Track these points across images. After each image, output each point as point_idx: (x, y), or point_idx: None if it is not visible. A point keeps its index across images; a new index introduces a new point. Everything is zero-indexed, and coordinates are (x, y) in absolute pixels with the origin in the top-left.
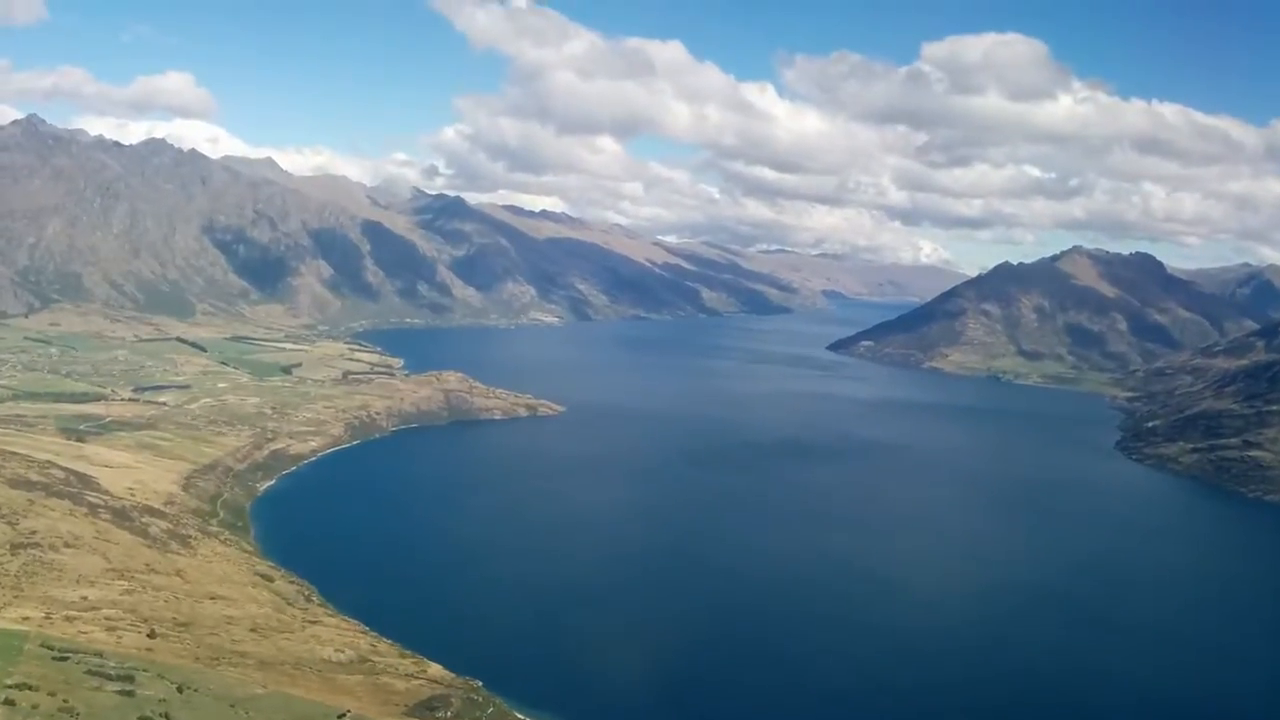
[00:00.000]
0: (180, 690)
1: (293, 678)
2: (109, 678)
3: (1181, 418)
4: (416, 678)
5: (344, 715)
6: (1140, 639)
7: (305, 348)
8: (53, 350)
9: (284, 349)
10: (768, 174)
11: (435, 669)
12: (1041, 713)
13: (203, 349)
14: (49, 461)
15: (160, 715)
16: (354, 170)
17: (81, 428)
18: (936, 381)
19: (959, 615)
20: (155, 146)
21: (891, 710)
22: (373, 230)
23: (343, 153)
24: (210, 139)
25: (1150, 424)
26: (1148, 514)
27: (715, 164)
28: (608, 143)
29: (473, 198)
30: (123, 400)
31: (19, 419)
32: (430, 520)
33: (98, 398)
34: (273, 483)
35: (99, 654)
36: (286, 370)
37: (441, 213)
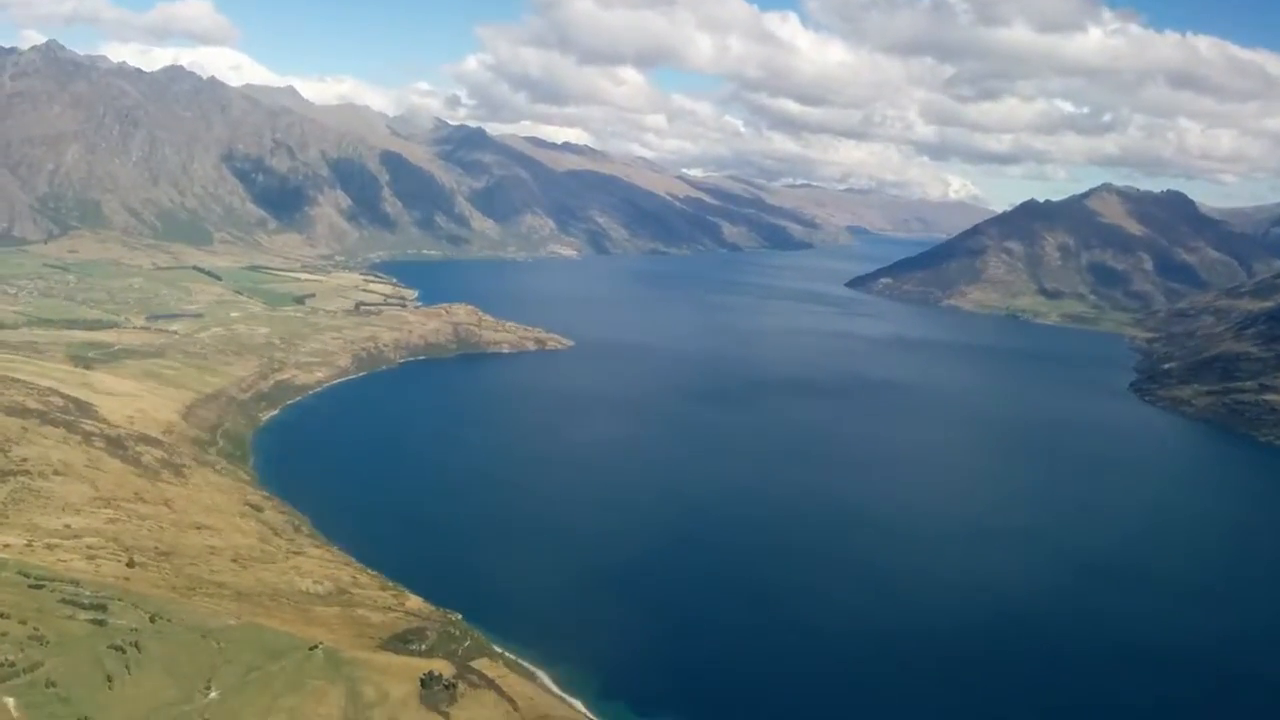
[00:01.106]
0: (153, 620)
1: (268, 609)
2: (82, 606)
3: (1198, 360)
4: (394, 610)
5: (315, 647)
6: (1136, 584)
7: (320, 278)
8: (70, 277)
9: (299, 279)
10: (792, 106)
11: (415, 602)
12: (1026, 658)
13: (218, 278)
14: (51, 389)
15: (130, 645)
16: (377, 100)
17: (90, 355)
18: (953, 320)
19: (948, 557)
20: (174, 74)
21: (872, 650)
22: (392, 160)
23: (367, 82)
24: (234, 67)
25: (1166, 365)
26: (1155, 457)
27: (739, 96)
28: (630, 74)
29: (495, 129)
30: (134, 328)
31: (30, 345)
32: (428, 453)
33: (110, 325)
34: (276, 413)
35: (75, 582)
36: (300, 300)
37: (462, 144)
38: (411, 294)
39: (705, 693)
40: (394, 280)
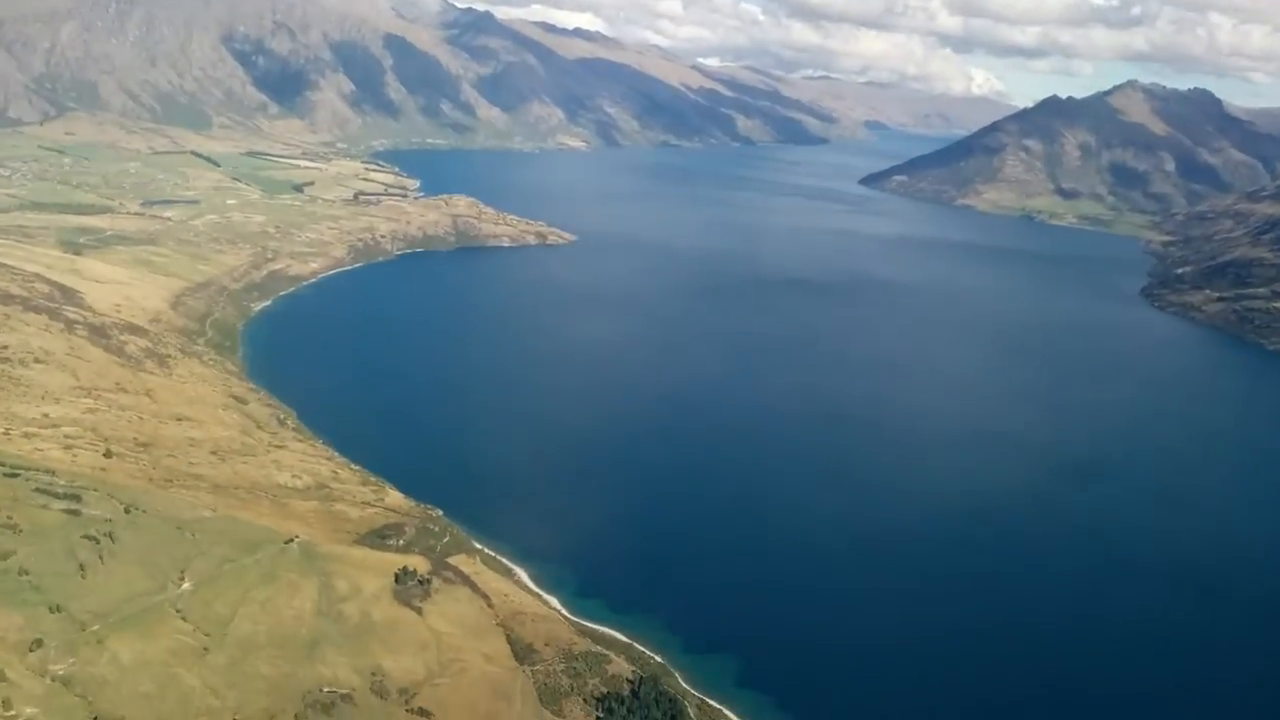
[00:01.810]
0: (127, 511)
1: (245, 502)
2: (56, 496)
3: (1212, 265)
4: (373, 506)
5: (291, 541)
6: (1126, 492)
7: (320, 166)
8: (66, 160)
9: (299, 166)
10: None
11: (395, 497)
12: (1006, 563)
13: (216, 164)
14: (37, 275)
15: (104, 535)
16: None
17: (80, 241)
18: (967, 220)
19: (936, 460)
20: None
21: (849, 552)
22: (396, 44)
23: None
24: None
25: (1179, 270)
26: (1159, 364)
27: None
28: None
29: (504, 13)
30: (128, 214)
31: (20, 229)
32: (419, 347)
33: (104, 210)
34: (268, 303)
35: (51, 472)
36: (298, 188)
37: (469, 28)
38: (413, 184)
39: (680, 591)
40: (396, 169)
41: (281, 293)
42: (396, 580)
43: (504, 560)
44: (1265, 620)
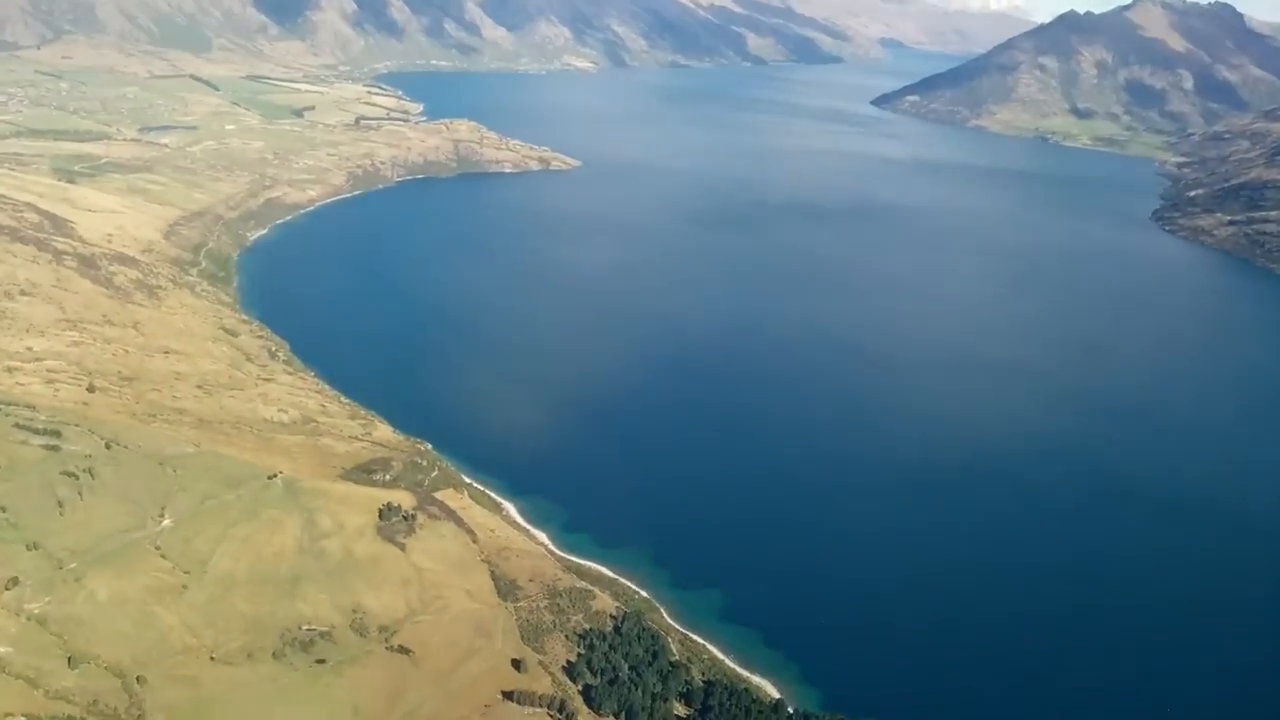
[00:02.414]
0: (108, 447)
1: (229, 437)
2: (36, 432)
3: (1225, 187)
4: (360, 440)
5: (274, 476)
6: (1122, 420)
7: (322, 89)
8: (63, 85)
9: (299, 90)
10: None
11: (383, 431)
12: (995, 490)
13: (216, 88)
14: (29, 204)
15: (84, 471)
16: None
17: (75, 168)
18: (979, 141)
19: (932, 387)
20: None
21: (840, 482)
22: None
23: None
24: None
25: (1191, 193)
26: (1166, 289)
27: None
28: None
29: None
30: (125, 140)
31: (15, 157)
32: (416, 277)
33: (101, 137)
34: (264, 232)
35: (32, 406)
36: (298, 113)
37: None
38: (416, 108)
39: (669, 526)
40: (399, 93)
41: (278, 221)
42: (380, 516)
43: (493, 495)
44: (1267, 543)
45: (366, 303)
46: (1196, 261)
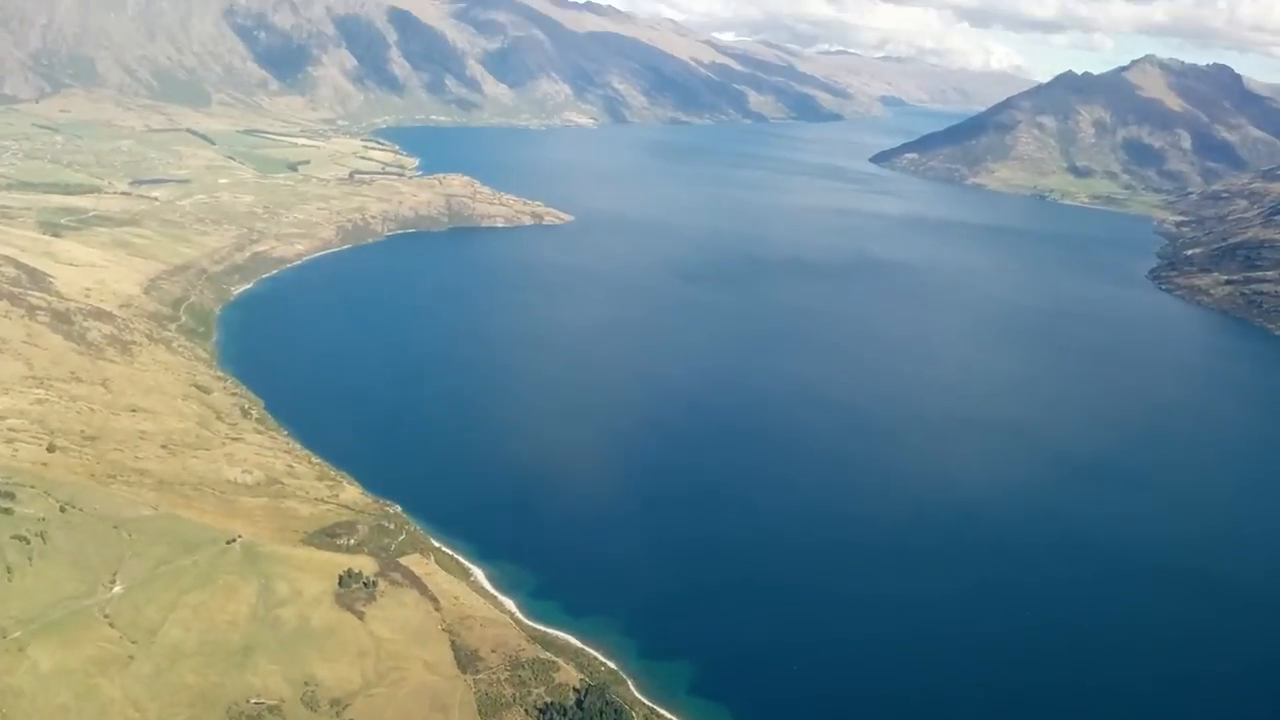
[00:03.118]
0: (63, 509)
1: (189, 499)
2: None
3: (1223, 246)
4: (326, 502)
5: (233, 540)
6: (1112, 484)
7: (318, 144)
8: (58, 138)
9: (296, 144)
10: None
11: (351, 493)
12: (979, 555)
13: (212, 141)
14: (9, 257)
15: (35, 535)
16: None
17: (61, 222)
18: (977, 199)
19: (919, 448)
20: None
21: (822, 555)
22: (400, 18)
23: None
24: None
25: (1189, 252)
26: (1161, 349)
27: None
28: None
29: None
30: (115, 194)
31: (2, 210)
32: (399, 333)
33: (91, 190)
34: (249, 286)
35: None
36: (293, 167)
37: (477, 2)
38: (412, 162)
39: (641, 594)
40: (396, 147)
41: (264, 275)
42: (340, 583)
43: (461, 559)
44: (1266, 618)
45: (346, 359)
46: (1193, 321)
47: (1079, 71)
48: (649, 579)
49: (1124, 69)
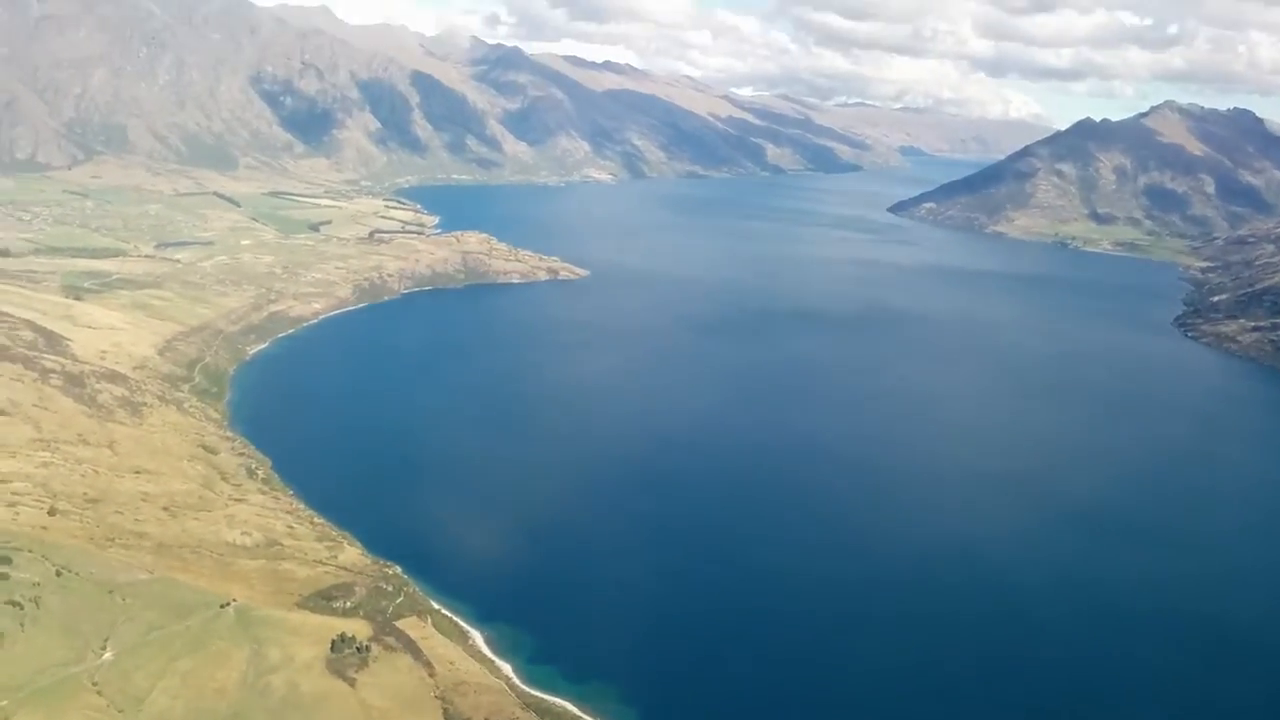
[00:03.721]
0: (59, 574)
1: (186, 562)
2: None
3: (1249, 292)
4: (324, 564)
5: (227, 605)
6: (1133, 543)
7: (340, 204)
8: (88, 203)
9: (319, 205)
10: (837, 21)
11: (351, 554)
12: (993, 621)
13: (237, 204)
14: (28, 321)
15: (30, 600)
16: (416, 19)
17: (84, 285)
18: (996, 247)
19: (931, 505)
20: None
21: (828, 606)
22: (423, 82)
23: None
24: None
25: (1215, 298)
26: (1186, 399)
27: (783, 10)
28: None
29: (536, 48)
30: (139, 256)
31: (28, 274)
32: (410, 391)
33: (117, 253)
34: (265, 346)
35: None
36: (314, 228)
37: (498, 64)
38: (431, 220)
39: (644, 659)
40: (417, 206)
41: (281, 334)
42: (333, 648)
43: (459, 621)
44: None
45: (355, 417)
46: (1219, 368)
47: (1098, 119)
48: (652, 644)
49: (1143, 115)
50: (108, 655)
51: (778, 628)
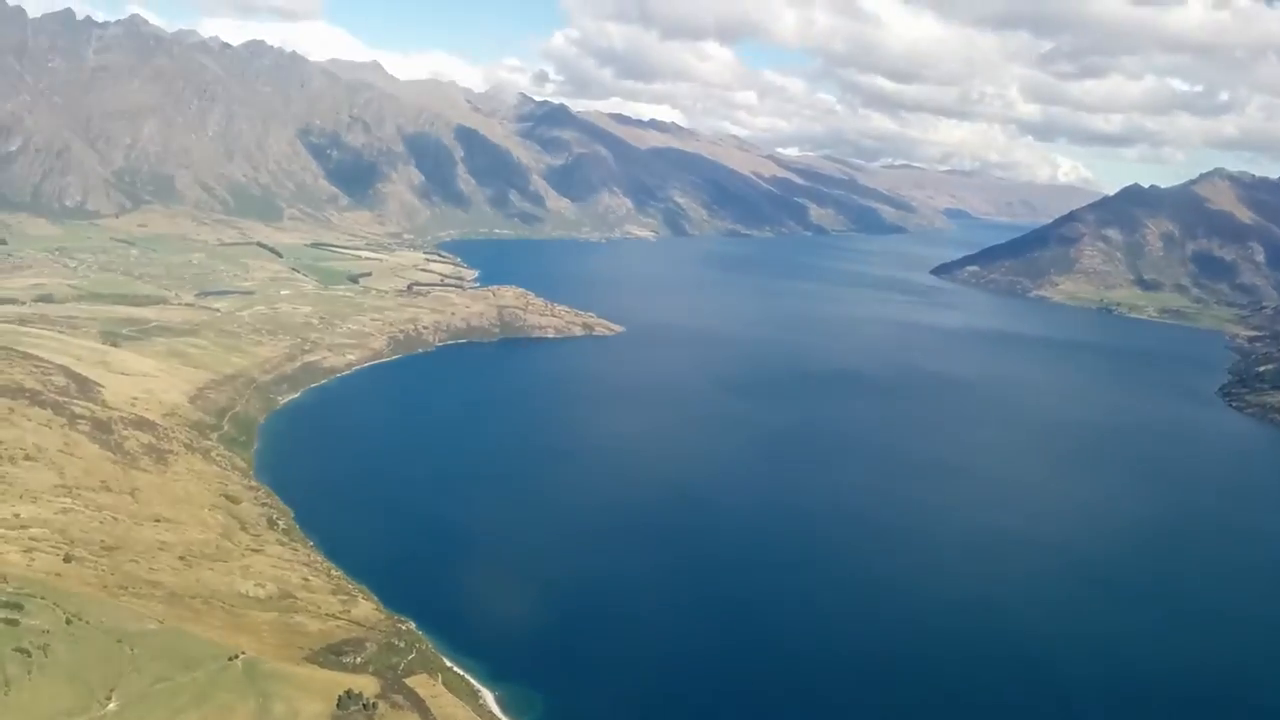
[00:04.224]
0: (68, 622)
1: (197, 613)
2: None
3: None
4: (337, 618)
5: (235, 657)
6: (1175, 620)
7: (381, 256)
8: (133, 251)
9: (360, 257)
10: (884, 83)
11: (365, 608)
12: (1028, 696)
13: (279, 254)
14: (63, 366)
15: (38, 647)
16: (466, 76)
17: (122, 332)
18: (1040, 312)
19: (963, 575)
20: (255, 49)
21: (854, 679)
22: (467, 136)
23: (457, 56)
24: (323, 41)
25: (1262, 368)
26: (1228, 472)
27: (829, 72)
28: (716, 49)
29: (583, 105)
30: (180, 305)
31: (69, 320)
32: (438, 444)
33: (158, 301)
34: (296, 396)
35: (2, 577)
36: (354, 279)
37: (543, 120)
38: (471, 274)
39: None
40: (457, 260)
41: (313, 385)
42: (339, 704)
43: (471, 680)
44: None
45: (381, 469)
46: (1263, 440)
47: (1147, 184)
48: (665, 713)
49: (1193, 182)
50: (112, 705)
51: (799, 693)
